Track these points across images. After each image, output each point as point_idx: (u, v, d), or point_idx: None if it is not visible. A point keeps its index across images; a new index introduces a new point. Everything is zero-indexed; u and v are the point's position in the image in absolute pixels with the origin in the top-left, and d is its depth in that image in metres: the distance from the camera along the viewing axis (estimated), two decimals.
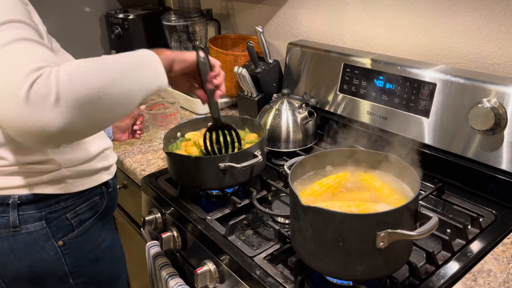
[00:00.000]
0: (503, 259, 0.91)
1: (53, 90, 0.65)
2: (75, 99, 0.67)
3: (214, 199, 1.23)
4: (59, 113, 0.66)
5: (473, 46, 1.18)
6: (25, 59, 0.68)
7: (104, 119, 0.75)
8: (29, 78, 0.65)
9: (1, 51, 0.68)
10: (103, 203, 1.07)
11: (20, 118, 0.65)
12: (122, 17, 1.98)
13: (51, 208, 0.96)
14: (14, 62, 0.67)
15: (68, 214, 0.99)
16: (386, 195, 0.88)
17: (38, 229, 0.95)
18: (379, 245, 0.74)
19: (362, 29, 1.43)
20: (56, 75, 0.66)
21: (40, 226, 0.95)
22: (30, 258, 0.96)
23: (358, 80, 1.33)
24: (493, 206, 1.07)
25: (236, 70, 1.53)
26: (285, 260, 0.95)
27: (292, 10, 1.65)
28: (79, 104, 0.67)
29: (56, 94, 0.65)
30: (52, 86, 0.65)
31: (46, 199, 0.96)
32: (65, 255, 0.99)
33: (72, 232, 1.00)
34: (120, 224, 1.74)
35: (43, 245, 0.96)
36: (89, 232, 1.04)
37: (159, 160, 1.42)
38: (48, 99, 0.65)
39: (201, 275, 0.99)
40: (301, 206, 0.77)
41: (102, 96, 0.70)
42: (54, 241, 0.97)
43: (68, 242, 0.99)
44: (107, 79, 0.71)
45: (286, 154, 1.35)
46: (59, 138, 0.69)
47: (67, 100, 0.66)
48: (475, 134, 1.08)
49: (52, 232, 0.97)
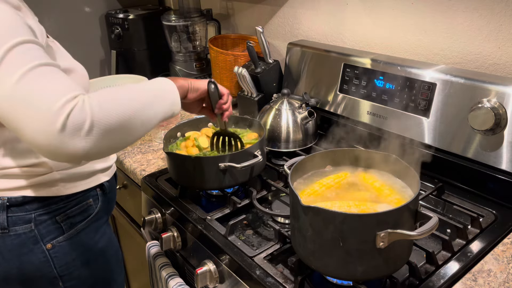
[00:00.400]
0: (503, 259, 0.91)
1: (88, 120, 0.70)
2: (105, 128, 0.72)
3: (214, 199, 1.23)
4: (89, 141, 0.71)
5: (473, 46, 1.18)
6: (56, 88, 0.70)
7: (124, 143, 0.81)
8: (66, 109, 0.68)
9: (26, 79, 0.69)
10: (97, 205, 1.05)
11: (53, 145, 0.69)
12: (122, 17, 1.98)
13: (40, 210, 0.95)
14: (46, 92, 0.69)
15: (58, 217, 0.97)
16: (386, 195, 0.88)
17: (26, 232, 0.94)
18: (379, 245, 0.74)
19: (362, 29, 1.43)
20: (90, 105, 0.70)
21: (28, 228, 0.94)
22: (19, 260, 0.95)
23: (358, 80, 1.33)
24: (493, 206, 1.07)
25: (236, 70, 1.53)
26: (285, 260, 0.95)
27: (292, 10, 1.65)
28: (107, 132, 0.73)
29: (90, 125, 0.70)
30: (87, 116, 0.70)
31: (36, 202, 0.94)
32: (53, 258, 0.97)
33: (62, 235, 0.98)
34: (120, 224, 1.74)
35: (32, 248, 0.95)
36: (80, 235, 1.02)
37: (159, 160, 1.42)
38: (83, 129, 0.69)
39: (201, 275, 0.99)
40: (301, 206, 0.77)
41: (127, 125, 0.77)
42: (43, 244, 0.96)
43: (57, 245, 0.97)
44: (133, 110, 0.78)
45: (286, 154, 1.35)
46: (82, 159, 0.74)
47: (100, 129, 0.71)
48: (475, 134, 1.08)
49: (40, 234, 0.95)
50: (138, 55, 2.04)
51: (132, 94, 0.81)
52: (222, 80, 1.72)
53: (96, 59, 2.18)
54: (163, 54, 1.99)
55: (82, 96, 0.71)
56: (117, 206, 1.68)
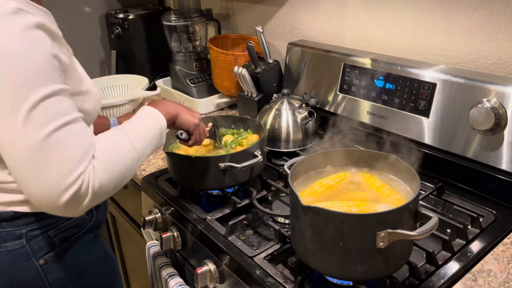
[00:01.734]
0: (503, 259, 0.91)
1: (88, 197, 0.75)
2: (105, 195, 0.79)
3: (214, 199, 1.23)
4: (87, 207, 0.77)
5: (473, 46, 1.18)
6: (71, 158, 0.73)
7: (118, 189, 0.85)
8: (72, 189, 0.73)
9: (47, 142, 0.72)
10: (90, 219, 1.04)
11: (52, 209, 0.76)
12: (122, 17, 1.98)
13: (32, 225, 0.92)
14: (61, 161, 0.73)
15: (50, 231, 0.94)
16: (386, 195, 0.88)
17: (17, 248, 0.91)
18: (379, 245, 0.74)
19: (362, 29, 1.43)
20: (93, 183, 0.75)
21: (20, 244, 0.91)
22: (10, 277, 0.92)
23: (358, 80, 1.33)
24: (493, 206, 1.07)
25: (236, 70, 1.53)
26: (285, 260, 0.95)
27: (292, 10, 1.65)
28: (106, 195, 0.80)
29: (90, 199, 0.76)
30: (89, 194, 0.75)
31: (26, 217, 0.91)
32: (47, 274, 0.95)
33: (54, 249, 0.95)
34: (120, 224, 1.74)
35: (24, 265, 0.92)
36: (74, 248, 0.99)
37: (159, 160, 1.42)
38: (83, 203, 0.75)
39: (201, 275, 0.99)
40: (301, 206, 0.77)
41: (125, 180, 0.84)
42: (35, 260, 0.93)
43: (50, 260, 0.95)
44: (133, 166, 0.84)
45: (286, 154, 1.35)
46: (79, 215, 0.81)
47: (99, 198, 0.78)
48: (475, 134, 1.08)
49: (32, 250, 0.92)
50: (138, 55, 2.04)
51: (136, 148, 0.84)
52: (222, 80, 1.72)
53: (96, 59, 2.18)
54: (163, 54, 1.99)
55: (87, 174, 0.74)
56: (117, 206, 1.68)
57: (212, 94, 1.82)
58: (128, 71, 2.04)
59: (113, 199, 1.71)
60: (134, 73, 1.97)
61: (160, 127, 0.93)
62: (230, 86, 1.71)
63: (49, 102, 0.73)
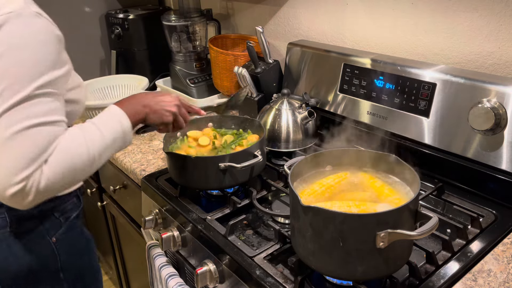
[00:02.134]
0: (503, 259, 0.91)
1: (32, 195, 0.78)
2: (51, 193, 0.81)
3: (214, 199, 1.23)
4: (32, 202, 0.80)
5: (473, 46, 1.18)
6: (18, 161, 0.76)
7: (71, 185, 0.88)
8: (15, 187, 0.76)
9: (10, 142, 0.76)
10: (80, 204, 1.13)
11: (1, 200, 0.79)
12: (122, 17, 1.98)
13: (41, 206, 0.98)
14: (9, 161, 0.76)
15: (56, 213, 1.05)
16: (386, 195, 0.88)
17: (34, 228, 1.01)
18: (379, 245, 0.74)
19: (362, 29, 1.43)
20: (38, 185, 0.77)
21: (36, 224, 1.01)
22: (29, 256, 1.00)
23: (358, 80, 1.33)
24: (493, 206, 1.07)
25: (236, 70, 1.53)
26: (285, 260, 0.95)
27: (292, 10, 1.65)
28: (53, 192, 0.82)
29: (34, 197, 0.78)
30: (32, 192, 0.78)
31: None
32: (58, 250, 1.04)
33: (61, 228, 1.06)
34: (120, 224, 1.74)
35: (40, 242, 1.02)
36: (74, 228, 1.10)
37: (159, 160, 1.42)
38: (27, 199, 0.78)
39: (201, 275, 0.99)
40: (301, 206, 0.77)
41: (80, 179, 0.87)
42: (49, 238, 1.03)
43: (60, 238, 1.05)
44: (88, 168, 0.85)
45: (286, 154, 1.35)
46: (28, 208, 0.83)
47: (44, 196, 0.80)
48: (475, 134, 1.08)
49: (46, 229, 1.02)
50: (138, 55, 2.04)
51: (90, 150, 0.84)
52: (222, 80, 1.72)
53: (96, 59, 2.18)
54: (163, 54, 1.99)
55: (35, 175, 0.77)
56: (117, 206, 1.68)
57: (212, 94, 1.82)
58: (128, 71, 2.04)
59: (113, 199, 1.71)
60: (134, 73, 1.97)
61: (123, 130, 0.92)
62: (230, 86, 1.71)
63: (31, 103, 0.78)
